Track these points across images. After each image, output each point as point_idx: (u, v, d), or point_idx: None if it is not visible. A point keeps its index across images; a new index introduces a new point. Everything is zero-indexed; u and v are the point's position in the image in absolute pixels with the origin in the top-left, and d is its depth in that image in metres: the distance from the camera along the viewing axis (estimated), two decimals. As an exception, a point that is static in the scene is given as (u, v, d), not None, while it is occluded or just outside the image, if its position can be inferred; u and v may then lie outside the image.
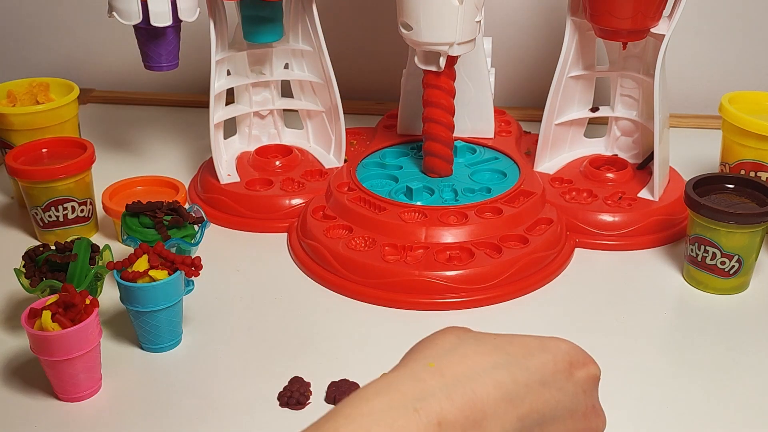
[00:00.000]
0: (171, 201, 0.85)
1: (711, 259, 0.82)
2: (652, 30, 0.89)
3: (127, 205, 0.83)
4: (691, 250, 0.83)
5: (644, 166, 0.98)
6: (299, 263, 0.88)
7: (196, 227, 0.83)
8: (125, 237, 0.81)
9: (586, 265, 0.89)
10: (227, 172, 0.99)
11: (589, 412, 0.44)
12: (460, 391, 0.39)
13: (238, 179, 0.98)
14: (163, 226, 0.81)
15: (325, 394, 0.69)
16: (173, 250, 0.78)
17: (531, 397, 0.41)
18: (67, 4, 1.31)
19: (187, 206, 0.89)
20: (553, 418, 0.42)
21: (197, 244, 0.82)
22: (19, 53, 1.35)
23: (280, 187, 0.97)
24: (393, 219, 0.87)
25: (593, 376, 0.45)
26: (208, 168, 1.00)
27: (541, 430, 0.41)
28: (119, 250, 0.89)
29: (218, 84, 0.96)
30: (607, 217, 0.91)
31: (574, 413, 0.43)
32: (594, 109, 1.00)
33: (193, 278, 0.75)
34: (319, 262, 0.86)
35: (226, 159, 1.01)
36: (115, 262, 0.74)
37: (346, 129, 1.01)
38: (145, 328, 0.74)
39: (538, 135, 0.99)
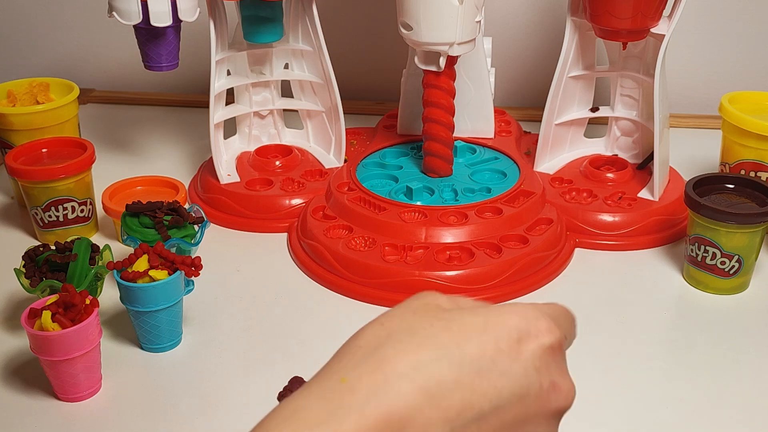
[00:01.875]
0: (171, 201, 0.85)
1: (711, 259, 0.82)
2: (652, 30, 0.89)
3: (127, 205, 0.83)
4: (691, 250, 0.83)
5: (644, 166, 0.98)
6: (299, 263, 0.88)
7: (196, 227, 0.83)
8: (125, 237, 0.81)
9: (586, 265, 0.89)
10: (227, 172, 0.99)
11: (546, 391, 0.39)
12: (374, 405, 0.35)
13: (238, 179, 0.98)
14: (163, 226, 0.81)
15: (325, 394, 0.69)
16: (173, 250, 0.78)
17: (462, 394, 0.36)
18: (67, 4, 1.31)
19: (187, 206, 0.89)
20: (495, 408, 0.37)
21: (197, 244, 0.82)
22: (19, 53, 1.35)
23: (280, 187, 0.97)
24: (393, 219, 0.87)
25: (548, 346, 0.39)
26: (208, 168, 1.00)
27: (480, 425, 0.37)
28: (119, 250, 0.89)
29: (218, 84, 0.96)
30: (607, 217, 0.91)
31: (524, 397, 0.38)
32: (594, 109, 1.00)
33: (193, 278, 0.75)
34: (319, 262, 0.86)
35: (226, 159, 1.01)
36: (115, 262, 0.74)
37: (346, 129, 1.01)
38: (145, 328, 0.74)
39: (538, 135, 0.99)
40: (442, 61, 0.88)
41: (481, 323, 0.39)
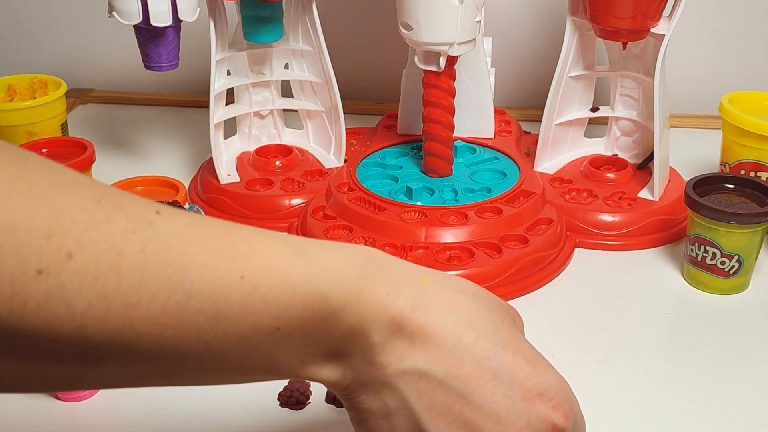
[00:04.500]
0: (171, 201, 0.85)
1: (711, 259, 0.82)
2: (652, 30, 0.89)
3: (127, 205, 0.83)
4: (691, 250, 0.83)
5: (644, 166, 0.98)
6: (299, 263, 0.88)
7: (196, 227, 0.83)
8: (125, 237, 0.81)
9: (586, 265, 0.89)
10: (227, 172, 0.99)
11: None
12: (421, 309, 0.40)
13: (238, 179, 0.98)
14: (163, 226, 0.81)
15: (325, 394, 0.69)
16: (173, 250, 0.78)
17: (469, 369, 0.40)
18: (67, 4, 1.31)
19: (187, 206, 0.89)
20: (476, 407, 0.40)
21: (197, 244, 0.82)
22: (18, 53, 1.35)
23: (280, 187, 0.97)
24: (393, 219, 0.87)
25: (552, 423, 0.41)
26: (208, 168, 1.00)
27: (463, 406, 0.39)
28: (119, 250, 0.89)
29: (218, 84, 0.96)
30: (607, 217, 0.91)
31: (498, 423, 0.40)
32: (594, 109, 1.00)
33: (193, 278, 0.75)
34: (319, 262, 0.86)
35: (226, 159, 1.01)
36: (115, 262, 0.74)
37: (346, 129, 1.01)
38: (145, 328, 0.74)
39: (538, 135, 0.99)
40: (442, 61, 0.88)
41: (532, 359, 0.42)
